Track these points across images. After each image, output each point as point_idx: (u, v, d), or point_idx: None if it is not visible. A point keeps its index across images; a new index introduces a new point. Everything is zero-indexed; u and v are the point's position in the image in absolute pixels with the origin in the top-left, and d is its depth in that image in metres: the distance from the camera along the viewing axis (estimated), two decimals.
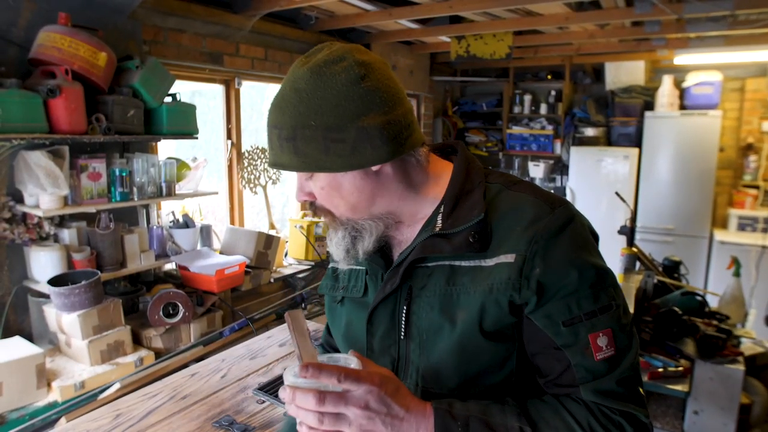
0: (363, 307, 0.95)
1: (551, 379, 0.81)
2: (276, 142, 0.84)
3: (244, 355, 2.01)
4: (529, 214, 0.82)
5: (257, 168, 3.68)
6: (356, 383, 0.70)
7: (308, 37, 3.96)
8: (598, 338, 0.78)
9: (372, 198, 0.88)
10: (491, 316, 0.81)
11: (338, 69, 0.82)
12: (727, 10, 3.14)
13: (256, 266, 3.03)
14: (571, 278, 0.79)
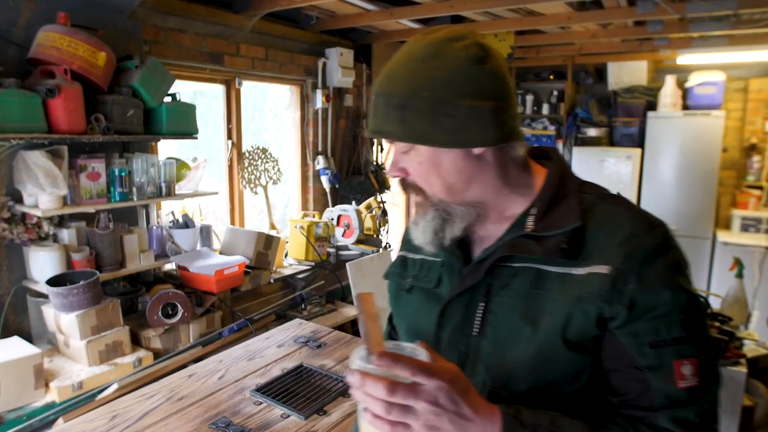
0: (434, 298, 0.95)
1: (627, 399, 0.80)
2: (382, 110, 0.84)
3: (242, 356, 2.01)
4: (626, 228, 0.81)
5: (258, 168, 3.67)
6: (428, 377, 0.68)
7: (309, 37, 3.95)
8: (683, 366, 0.76)
9: (468, 182, 0.88)
10: (576, 326, 0.80)
11: (458, 46, 0.82)
12: (730, 9, 3.12)
13: (255, 266, 3.02)
14: (664, 300, 0.77)
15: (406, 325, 1.00)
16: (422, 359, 0.70)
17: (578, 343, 0.80)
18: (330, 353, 2.07)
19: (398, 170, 0.89)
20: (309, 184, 4.18)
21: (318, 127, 4.13)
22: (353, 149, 4.52)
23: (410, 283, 1.01)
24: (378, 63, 4.70)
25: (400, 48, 0.87)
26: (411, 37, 0.87)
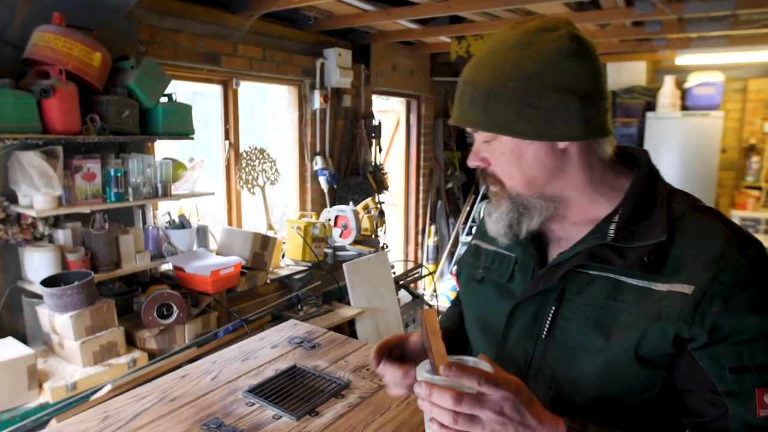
0: (506, 293, 0.95)
1: (701, 422, 0.77)
2: (467, 98, 0.83)
3: (235, 356, 2.00)
4: (716, 247, 0.77)
5: (255, 168, 3.67)
6: (494, 388, 0.69)
7: (307, 37, 3.95)
8: (766, 394, 0.73)
9: (550, 177, 0.86)
10: (652, 343, 0.77)
11: (550, 37, 0.80)
12: (727, 9, 3.12)
13: (252, 267, 3.02)
14: (751, 326, 0.74)
15: (476, 316, 1.00)
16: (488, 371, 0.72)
17: (650, 359, 0.78)
18: (324, 354, 2.07)
19: (479, 160, 0.88)
20: (307, 184, 4.18)
21: (316, 128, 4.12)
22: (351, 150, 4.52)
23: (482, 274, 1.01)
24: (376, 63, 4.70)
25: (492, 36, 0.86)
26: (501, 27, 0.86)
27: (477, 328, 1.00)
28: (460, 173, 6.28)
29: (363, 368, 1.91)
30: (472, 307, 1.03)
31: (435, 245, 6.05)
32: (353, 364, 1.95)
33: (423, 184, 5.82)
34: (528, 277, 0.92)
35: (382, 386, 1.77)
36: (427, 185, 5.88)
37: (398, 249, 5.89)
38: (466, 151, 6.28)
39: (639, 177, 0.87)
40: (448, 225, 6.20)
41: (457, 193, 6.30)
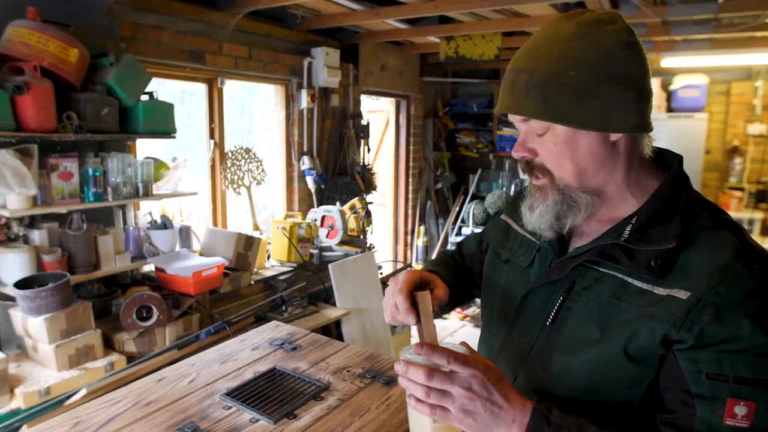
0: (524, 277, 1.00)
1: (670, 418, 0.79)
2: (522, 87, 0.83)
3: (214, 359, 1.96)
4: (723, 259, 0.78)
5: (241, 168, 3.63)
6: (463, 366, 0.76)
7: (294, 36, 3.92)
8: (738, 405, 0.74)
9: (599, 169, 0.87)
10: (641, 342, 0.80)
11: (609, 29, 0.82)
12: (710, 12, 3.13)
13: (235, 268, 2.98)
14: (739, 339, 0.74)
15: (500, 294, 1.05)
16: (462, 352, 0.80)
17: (638, 357, 0.81)
18: (305, 356, 2.03)
19: (526, 150, 0.88)
20: (294, 184, 4.15)
21: (303, 127, 4.09)
22: (339, 149, 4.49)
23: (507, 256, 1.06)
24: (365, 63, 4.68)
25: (541, 27, 0.87)
26: (552, 18, 0.88)
27: (497, 307, 1.04)
28: (450, 173, 6.27)
29: (344, 370, 1.88)
30: (494, 286, 1.08)
31: (424, 245, 6.03)
32: (334, 366, 1.92)
33: (412, 184, 5.80)
34: (545, 266, 0.97)
35: (363, 388, 1.75)
36: (416, 185, 5.86)
37: (387, 249, 5.86)
38: (455, 152, 6.27)
39: (667, 182, 0.88)
40: (438, 225, 6.18)
41: (446, 194, 6.29)
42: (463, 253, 1.26)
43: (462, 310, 5.52)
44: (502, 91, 0.89)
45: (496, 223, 1.16)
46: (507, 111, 0.86)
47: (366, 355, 2.02)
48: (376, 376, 1.82)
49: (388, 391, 1.73)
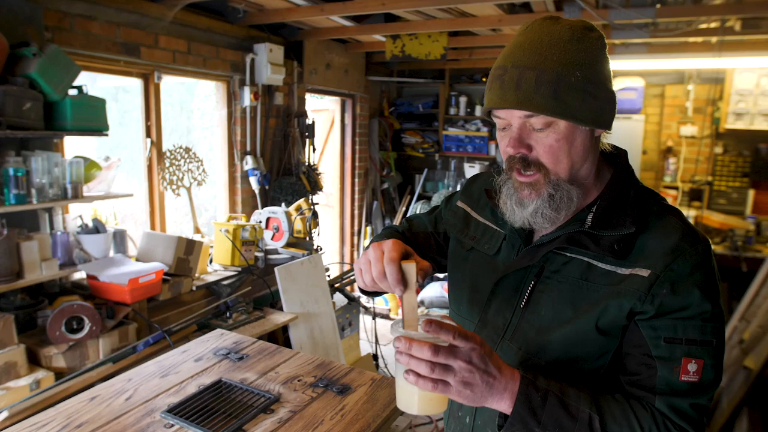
0: (492, 265, 1.07)
1: (634, 380, 0.91)
2: (531, 83, 0.87)
3: (154, 372, 1.83)
4: (673, 240, 0.90)
5: (180, 168, 3.46)
6: (464, 341, 0.80)
7: (236, 31, 3.77)
8: (690, 363, 0.87)
9: (584, 162, 0.95)
10: (610, 316, 0.90)
11: (594, 36, 0.91)
12: (649, 17, 3.23)
13: (175, 274, 2.82)
14: (689, 307, 0.87)
15: (470, 283, 1.10)
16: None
17: (607, 330, 0.91)
18: (252, 366, 1.93)
19: (524, 146, 0.92)
20: (237, 185, 3.99)
21: (246, 126, 3.95)
22: (284, 149, 4.37)
23: (471, 244, 1.12)
24: (310, 61, 4.57)
25: (528, 29, 0.92)
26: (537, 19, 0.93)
27: (467, 294, 1.09)
28: (396, 174, 6.25)
29: (294, 379, 1.80)
30: (460, 274, 1.13)
31: None
32: (284, 375, 1.83)
33: (358, 184, 5.74)
34: (513, 254, 1.04)
35: (315, 398, 1.67)
36: (362, 186, 5.80)
37: (334, 251, 5.77)
38: (401, 152, 6.26)
39: (618, 173, 0.99)
40: (384, 226, 6.15)
41: (392, 194, 6.27)
42: (414, 231, 1.28)
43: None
44: (501, 87, 0.90)
45: (453, 211, 1.21)
46: (515, 107, 0.88)
47: (317, 362, 1.94)
48: (329, 385, 1.75)
49: (342, 401, 1.66)
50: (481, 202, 1.17)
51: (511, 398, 0.84)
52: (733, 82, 4.71)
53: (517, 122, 0.92)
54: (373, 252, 0.91)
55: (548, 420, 0.84)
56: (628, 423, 0.86)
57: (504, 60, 0.92)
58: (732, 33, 3.63)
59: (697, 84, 5.01)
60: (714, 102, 4.96)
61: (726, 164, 4.93)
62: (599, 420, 0.85)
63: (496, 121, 0.97)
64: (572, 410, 0.85)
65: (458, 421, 1.14)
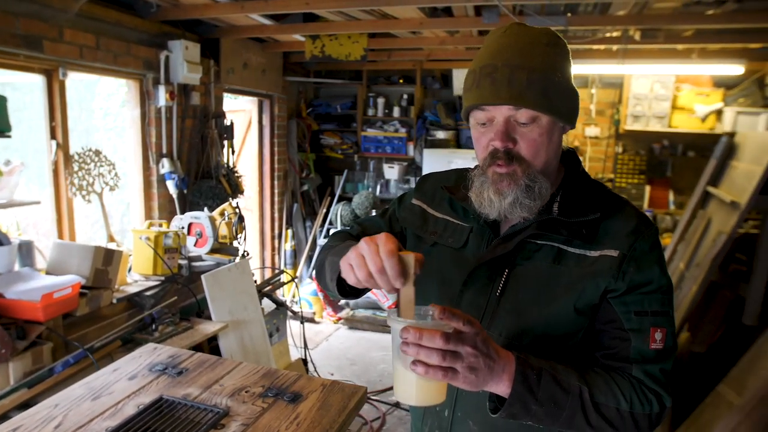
0: (460, 258, 1.09)
1: (610, 353, 0.98)
2: (523, 81, 0.93)
3: (84, 395, 1.68)
4: (633, 223, 1.00)
5: (91, 173, 3.21)
6: (470, 326, 0.82)
7: (148, 26, 3.56)
8: (656, 332, 0.96)
9: (555, 157, 1.03)
10: (587, 297, 0.97)
11: (562, 43, 1.00)
12: (561, 25, 3.43)
13: (93, 286, 2.61)
14: (652, 283, 0.97)
15: (437, 278, 1.11)
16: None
17: (583, 310, 0.98)
18: (194, 380, 1.84)
19: (509, 140, 0.97)
20: (153, 189, 3.77)
21: (162, 127, 3.74)
22: (202, 151, 4.18)
23: (434, 239, 1.14)
24: (226, 60, 4.41)
25: (507, 32, 0.98)
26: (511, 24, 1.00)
27: (436, 288, 1.11)
28: (316, 175, 6.19)
29: (242, 390, 1.73)
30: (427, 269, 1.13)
31: (292, 250, 5.88)
32: (230, 388, 1.75)
33: (278, 186, 5.62)
34: (483, 245, 1.08)
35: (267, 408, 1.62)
36: (282, 188, 5.69)
37: (254, 255, 5.61)
38: (320, 153, 6.20)
39: (573, 166, 1.09)
40: (305, 228, 6.07)
41: (312, 196, 6.20)
42: (369, 233, 1.24)
43: (335, 313, 5.48)
44: (493, 84, 0.95)
45: (409, 209, 1.23)
46: (509, 103, 0.94)
47: (263, 372, 1.88)
48: (279, 394, 1.70)
49: (296, 409, 1.62)
50: (437, 199, 1.20)
51: (509, 379, 0.87)
52: (630, 87, 5.11)
53: (503, 116, 0.96)
54: (366, 246, 0.88)
55: (544, 396, 0.88)
56: (611, 392, 0.92)
57: (491, 59, 0.96)
58: (632, 42, 3.94)
59: (600, 88, 5.39)
60: (614, 105, 5.37)
61: (626, 162, 5.35)
62: (588, 391, 0.91)
63: (478, 116, 1.00)
64: (564, 385, 0.90)
65: (435, 416, 1.14)
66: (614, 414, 0.92)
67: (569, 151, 1.12)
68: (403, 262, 0.85)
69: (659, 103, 5.03)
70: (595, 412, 0.91)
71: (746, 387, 2.53)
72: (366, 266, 0.87)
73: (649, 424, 0.94)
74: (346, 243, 1.06)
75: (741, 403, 2.50)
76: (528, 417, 0.90)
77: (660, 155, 5.32)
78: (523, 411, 0.89)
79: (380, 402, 3.86)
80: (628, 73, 4.97)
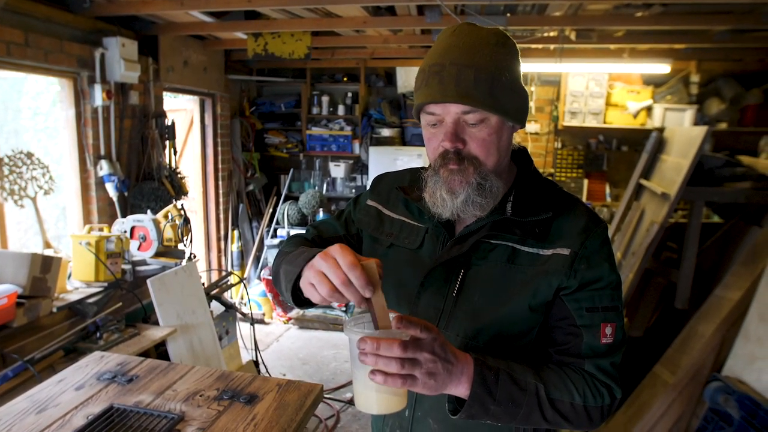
0: (416, 259, 1.10)
1: (562, 349, 1.01)
2: (470, 80, 0.93)
3: (27, 409, 1.61)
4: (583, 221, 1.02)
5: (23, 176, 3.05)
6: (428, 332, 0.82)
7: (81, 22, 3.41)
8: (607, 327, 0.98)
9: (506, 156, 1.04)
10: (541, 295, 0.99)
11: (511, 43, 1.00)
12: (501, 25, 3.53)
13: (31, 295, 2.49)
14: (602, 279, 0.99)
15: (393, 279, 1.11)
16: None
17: (537, 308, 1.00)
18: (145, 387, 1.80)
19: (459, 141, 0.98)
20: (91, 193, 3.62)
21: (99, 128, 3.59)
22: (143, 152, 4.05)
23: (390, 241, 1.15)
24: (166, 58, 4.29)
25: (456, 31, 0.99)
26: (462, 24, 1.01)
27: (393, 290, 1.11)
28: (261, 175, 6.10)
29: (196, 395, 1.70)
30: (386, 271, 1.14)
31: (239, 251, 5.78)
32: (184, 392, 1.72)
33: (222, 187, 5.51)
34: (439, 246, 1.08)
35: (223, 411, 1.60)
36: (226, 188, 5.58)
37: (201, 257, 5.48)
38: (265, 152, 6.12)
39: (525, 166, 1.11)
40: (252, 229, 5.98)
41: (258, 196, 6.12)
42: (325, 236, 1.25)
43: (285, 314, 5.43)
44: (441, 83, 0.95)
45: (365, 210, 1.23)
46: (456, 101, 0.94)
47: (217, 375, 1.85)
48: (235, 396, 1.68)
49: (252, 410, 1.61)
50: (392, 200, 1.20)
51: (468, 381, 0.88)
52: (567, 84, 5.32)
53: (452, 117, 0.97)
54: (323, 263, 0.84)
55: (502, 396, 0.90)
56: (566, 387, 0.95)
57: (440, 58, 0.96)
58: (568, 42, 4.11)
59: (539, 86, 5.58)
60: (553, 102, 5.57)
61: (565, 157, 5.57)
62: (544, 388, 0.93)
63: (428, 117, 1.01)
64: (521, 384, 0.92)
65: (396, 416, 1.14)
66: (569, 408, 0.95)
67: (521, 149, 1.14)
68: (367, 271, 0.83)
69: (594, 100, 5.26)
70: (551, 407, 0.93)
71: (679, 366, 2.70)
72: (328, 282, 0.84)
73: (601, 416, 0.98)
74: (300, 250, 1.02)
75: (675, 381, 2.67)
76: (487, 416, 0.91)
77: (596, 150, 5.57)
78: (482, 411, 0.90)
79: (334, 400, 3.87)
80: (565, 71, 5.18)
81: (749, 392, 2.29)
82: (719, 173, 3.10)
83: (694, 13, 3.44)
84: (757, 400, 2.23)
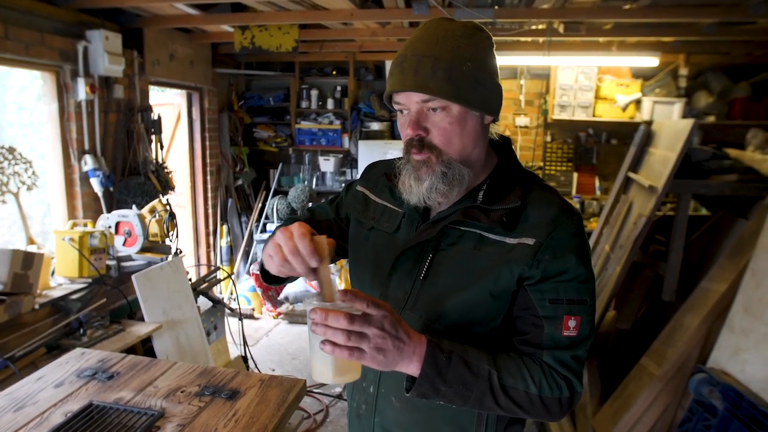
0: (392, 242, 1.14)
1: (523, 338, 1.02)
2: (428, 69, 0.96)
3: (5, 406, 1.59)
4: (553, 212, 1.02)
5: (5, 172, 3.01)
6: (377, 308, 0.86)
7: (63, 15, 3.36)
8: (570, 320, 0.98)
9: (475, 146, 1.05)
10: (502, 283, 1.00)
11: (483, 35, 1.02)
12: (489, 17, 3.52)
13: (12, 292, 2.45)
14: (568, 271, 0.99)
15: (372, 261, 1.17)
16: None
17: (499, 295, 1.02)
18: (126, 383, 1.78)
19: (421, 129, 1.00)
20: (76, 188, 3.58)
21: (83, 122, 3.55)
22: (128, 147, 4.01)
23: (372, 224, 1.19)
24: (151, 51, 4.24)
25: (425, 25, 1.02)
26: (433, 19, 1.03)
27: (369, 271, 1.17)
28: (250, 169, 6.07)
29: (177, 391, 1.68)
30: (362, 252, 1.20)
31: (228, 246, 5.75)
32: (165, 389, 1.70)
33: (211, 182, 5.47)
34: (412, 230, 1.12)
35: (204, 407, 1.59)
36: (215, 183, 5.54)
37: (189, 253, 5.45)
38: (254, 147, 6.08)
39: (504, 157, 1.12)
40: (241, 223, 5.95)
41: (247, 190, 6.08)
42: (317, 219, 1.33)
43: (275, 309, 5.41)
44: (402, 73, 0.99)
45: (354, 195, 1.28)
46: (413, 90, 0.97)
47: (199, 371, 1.84)
48: (216, 392, 1.67)
49: (234, 406, 1.60)
50: (380, 185, 1.25)
51: (419, 361, 0.91)
52: (557, 78, 5.31)
53: (415, 107, 1.00)
54: (281, 234, 0.93)
55: (453, 378, 0.92)
56: (521, 375, 0.96)
57: (404, 50, 1.01)
58: (557, 34, 4.10)
59: (528, 79, 5.57)
60: (542, 95, 5.56)
61: (554, 151, 5.57)
62: (497, 375, 0.95)
63: (396, 106, 1.05)
64: (473, 368, 0.94)
65: (363, 391, 1.20)
66: (523, 397, 0.96)
67: (505, 140, 1.15)
68: (316, 243, 0.89)
69: (584, 94, 5.26)
70: (504, 394, 0.94)
71: (666, 358, 2.71)
72: (281, 251, 0.91)
73: (560, 408, 0.98)
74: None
75: (661, 373, 2.68)
76: (438, 397, 0.93)
77: (586, 143, 5.57)
78: (433, 391, 0.92)
79: (323, 394, 3.86)
80: (554, 64, 5.16)
81: (733, 383, 2.30)
82: (706, 166, 3.11)
83: (681, 5, 3.43)
84: (741, 391, 2.24)
